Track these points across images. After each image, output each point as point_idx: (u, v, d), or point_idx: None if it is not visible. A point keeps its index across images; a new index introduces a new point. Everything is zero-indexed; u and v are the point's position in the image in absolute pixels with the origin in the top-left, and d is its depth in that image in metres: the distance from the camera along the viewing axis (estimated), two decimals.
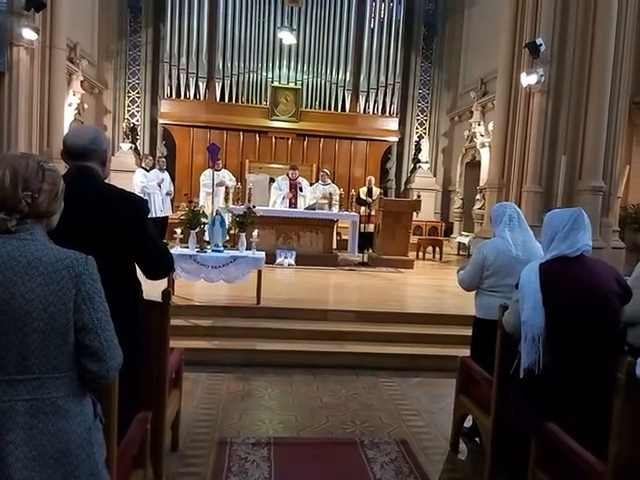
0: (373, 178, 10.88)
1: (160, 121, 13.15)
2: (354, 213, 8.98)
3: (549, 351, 2.15)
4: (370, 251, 9.26)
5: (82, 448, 1.29)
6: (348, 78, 13.43)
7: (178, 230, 5.40)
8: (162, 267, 2.25)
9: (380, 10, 13.48)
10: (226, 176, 10.18)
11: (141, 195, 6.78)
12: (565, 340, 2.15)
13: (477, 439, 3.22)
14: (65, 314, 1.26)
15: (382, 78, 13.50)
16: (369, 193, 9.98)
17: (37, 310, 1.23)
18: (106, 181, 2.16)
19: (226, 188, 9.39)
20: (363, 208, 9.75)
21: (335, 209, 8.92)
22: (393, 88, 13.59)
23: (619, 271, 2.34)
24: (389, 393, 4.08)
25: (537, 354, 2.15)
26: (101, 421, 1.41)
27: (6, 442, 1.19)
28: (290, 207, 9.12)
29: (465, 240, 11.07)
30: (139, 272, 2.20)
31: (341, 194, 9.12)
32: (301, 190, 9.37)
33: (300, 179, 9.50)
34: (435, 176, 14.11)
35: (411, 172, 14.23)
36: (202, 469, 2.82)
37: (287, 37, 11.32)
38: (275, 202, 9.24)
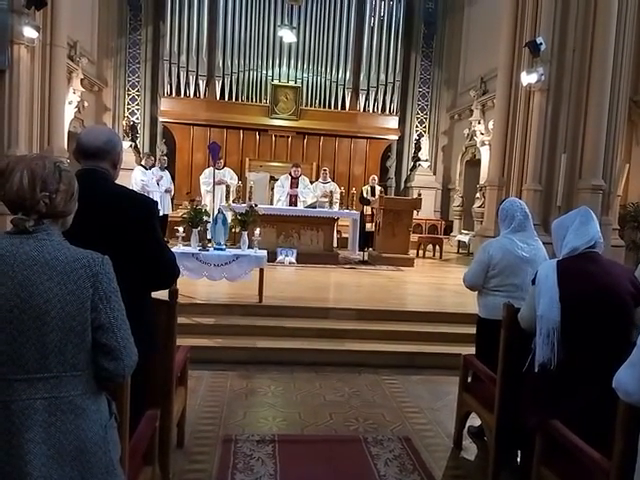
0: (376, 177, 10.88)
1: (160, 119, 13.16)
2: (355, 211, 8.99)
3: (563, 348, 2.17)
4: (370, 249, 9.28)
5: (99, 446, 1.31)
6: (348, 76, 13.43)
7: (180, 228, 5.41)
8: (164, 274, 2.13)
9: (380, 8, 13.49)
10: (227, 174, 10.20)
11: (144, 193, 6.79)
12: (579, 337, 2.16)
13: (486, 438, 3.23)
14: (83, 313, 1.28)
15: (382, 76, 13.51)
16: (372, 192, 10.00)
17: (55, 309, 1.25)
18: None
19: (227, 187, 9.41)
20: (366, 207, 9.75)
21: (335, 207, 8.95)
22: (393, 86, 13.61)
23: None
24: (391, 391, 4.10)
25: (552, 350, 2.17)
26: (116, 419, 1.44)
27: (25, 440, 1.21)
28: (290, 205, 9.16)
29: (465, 238, 11.10)
30: None
31: (341, 192, 9.13)
32: (297, 186, 9.41)
33: (302, 178, 9.52)
34: (435, 174, 14.13)
35: (411, 170, 14.25)
36: (208, 466, 2.84)
37: (287, 35, 11.30)
38: (279, 200, 9.28)
